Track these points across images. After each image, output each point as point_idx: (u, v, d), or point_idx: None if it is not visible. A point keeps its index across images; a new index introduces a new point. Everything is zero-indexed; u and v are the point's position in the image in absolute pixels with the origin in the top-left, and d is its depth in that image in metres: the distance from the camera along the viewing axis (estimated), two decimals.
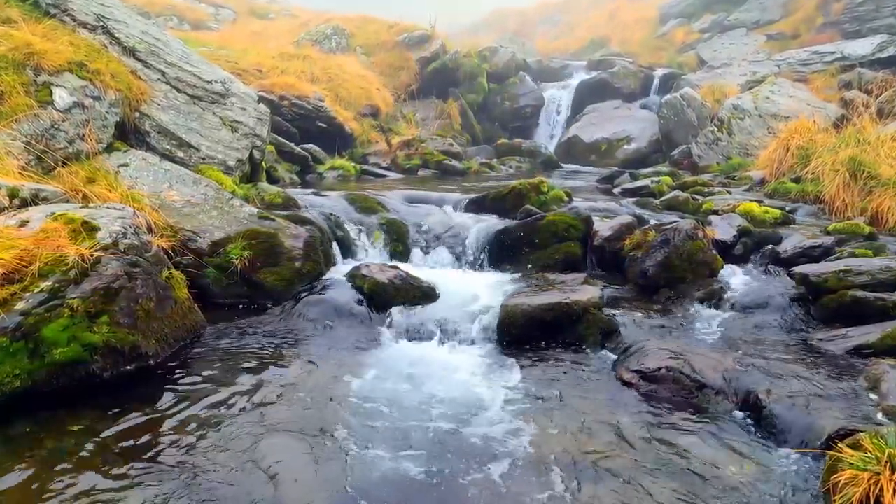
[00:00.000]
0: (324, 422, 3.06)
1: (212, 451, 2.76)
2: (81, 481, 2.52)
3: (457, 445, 2.91)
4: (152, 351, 3.52)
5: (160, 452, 2.74)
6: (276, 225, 4.98)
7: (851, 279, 4.22)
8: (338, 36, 15.44)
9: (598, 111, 14.05)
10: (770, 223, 5.98)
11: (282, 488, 2.54)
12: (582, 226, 5.54)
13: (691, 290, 4.64)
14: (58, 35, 5.38)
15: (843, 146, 6.86)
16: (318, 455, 2.78)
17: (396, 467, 2.72)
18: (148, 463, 2.66)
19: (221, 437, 2.87)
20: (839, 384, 3.28)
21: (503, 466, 2.76)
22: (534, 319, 4.08)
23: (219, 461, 2.69)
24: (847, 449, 2.49)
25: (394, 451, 2.85)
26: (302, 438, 2.90)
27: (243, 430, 2.94)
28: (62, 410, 3.02)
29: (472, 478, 2.68)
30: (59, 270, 3.26)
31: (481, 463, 2.78)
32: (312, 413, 3.14)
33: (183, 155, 5.86)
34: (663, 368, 3.48)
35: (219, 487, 2.52)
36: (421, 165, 10.67)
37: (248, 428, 2.96)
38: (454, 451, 2.86)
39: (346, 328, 4.27)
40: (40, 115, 4.69)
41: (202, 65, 6.93)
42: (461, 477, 2.68)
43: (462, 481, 2.65)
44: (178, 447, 2.79)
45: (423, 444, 2.90)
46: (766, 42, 16.77)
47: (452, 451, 2.86)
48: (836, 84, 11.66)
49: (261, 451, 2.78)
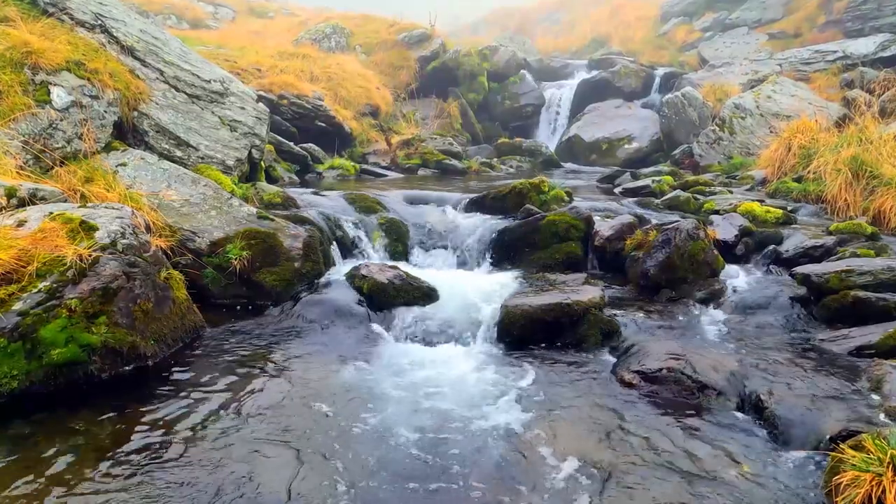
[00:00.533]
0: (323, 424, 3.06)
1: (210, 453, 2.76)
2: (79, 483, 2.52)
3: (456, 447, 2.91)
4: (151, 351, 3.53)
5: (159, 454, 2.74)
6: (275, 225, 4.98)
7: (853, 279, 4.23)
8: (337, 35, 15.45)
9: (599, 110, 14.05)
10: (772, 223, 5.98)
11: (280, 492, 2.54)
12: (583, 226, 5.55)
13: (693, 291, 4.65)
14: (56, 34, 5.38)
15: (846, 145, 6.87)
16: (317, 458, 2.78)
17: (395, 470, 2.73)
18: (146, 464, 2.66)
19: (220, 440, 2.87)
20: (841, 385, 3.29)
21: (504, 469, 2.76)
22: (534, 320, 4.08)
23: (217, 464, 2.69)
24: (849, 450, 2.50)
25: (393, 453, 2.85)
26: (302, 441, 2.90)
27: (242, 433, 2.94)
28: (60, 411, 3.03)
29: (472, 480, 2.68)
30: (57, 270, 3.26)
31: (481, 465, 2.78)
32: (312, 415, 3.14)
33: (181, 154, 5.87)
34: (664, 369, 3.49)
35: (217, 490, 2.52)
36: (421, 165, 10.67)
37: (247, 430, 2.96)
38: (454, 453, 2.86)
39: (345, 329, 4.28)
40: (38, 114, 4.70)
41: (201, 64, 6.93)
42: (461, 479, 2.68)
43: (462, 483, 2.65)
44: (176, 449, 2.78)
45: (422, 447, 2.90)
46: (767, 41, 16.77)
47: (452, 453, 2.86)
48: (839, 83, 11.67)
49: (260, 453, 2.78)
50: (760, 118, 10.10)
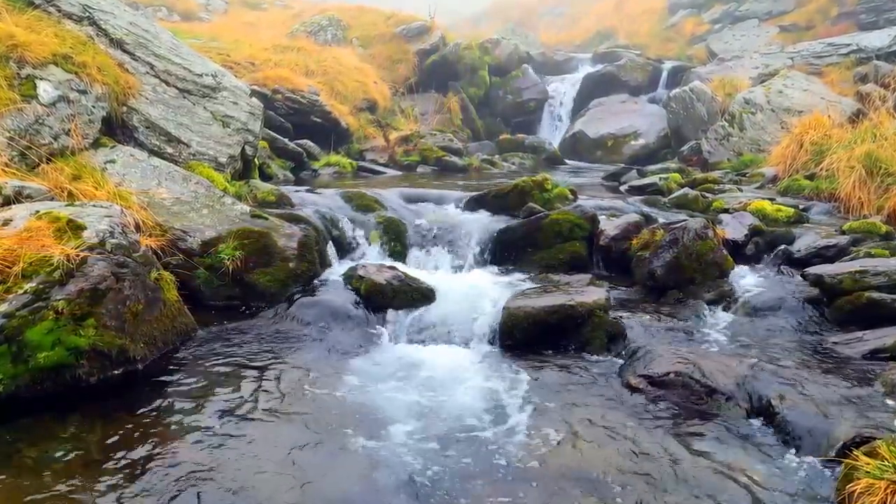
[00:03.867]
0: (317, 430, 3.06)
1: (200, 461, 2.76)
2: (66, 490, 2.52)
3: (456, 453, 2.91)
4: (140, 355, 3.52)
5: (147, 461, 2.74)
6: (269, 224, 4.98)
7: (867, 280, 4.22)
8: (333, 27, 15.44)
9: (604, 105, 14.03)
10: (783, 222, 5.98)
11: (270, 499, 2.53)
12: (587, 225, 5.54)
13: (701, 292, 4.65)
14: (42, 26, 5.37)
15: (859, 142, 6.85)
16: (312, 467, 2.78)
17: (394, 479, 2.72)
18: (135, 471, 2.66)
19: (210, 448, 2.87)
20: (854, 389, 3.28)
21: (506, 476, 2.76)
22: (537, 322, 4.08)
23: (207, 473, 2.68)
24: (863, 457, 2.49)
25: (390, 460, 2.84)
26: (294, 448, 2.89)
27: (234, 440, 2.94)
28: (47, 416, 3.02)
29: (474, 489, 2.67)
30: (44, 271, 3.26)
31: (483, 472, 2.78)
32: (305, 421, 3.14)
33: (172, 151, 5.86)
34: (672, 373, 3.48)
35: (206, 497, 2.52)
36: (420, 162, 10.66)
37: (239, 438, 2.96)
38: (453, 460, 2.86)
39: (341, 331, 4.27)
40: (24, 109, 4.69)
41: (192, 57, 6.93)
42: (462, 487, 2.68)
43: (463, 492, 2.65)
44: (165, 455, 2.78)
45: (420, 453, 2.90)
46: (778, 34, 16.77)
47: (451, 460, 2.86)
48: (852, 77, 11.64)
49: (252, 462, 2.78)
50: (771, 113, 10.09)
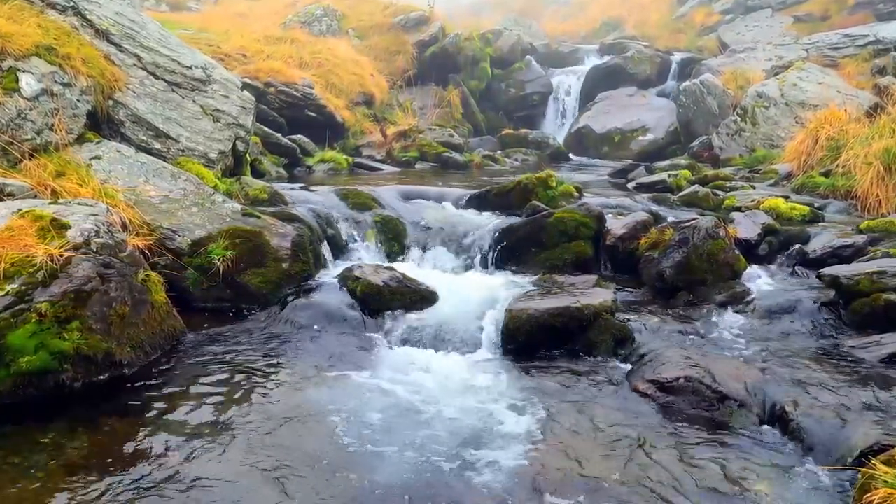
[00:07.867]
0: (313, 439, 3.06)
1: (188, 471, 2.76)
2: (49, 499, 2.52)
3: (458, 464, 2.91)
4: (127, 359, 3.52)
5: (133, 468, 2.74)
6: (261, 223, 4.98)
7: (886, 281, 4.21)
8: (328, 17, 15.44)
9: (611, 99, 14.05)
10: (797, 221, 5.98)
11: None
12: (593, 224, 5.54)
13: (712, 293, 4.64)
14: (24, 16, 5.37)
15: (877, 137, 6.84)
16: (306, 477, 2.78)
17: (392, 489, 2.72)
18: (118, 483, 2.66)
19: (199, 456, 2.86)
20: (872, 395, 3.28)
21: (510, 485, 2.76)
22: (541, 325, 4.08)
23: (195, 483, 2.68)
24: (881, 465, 2.49)
25: (387, 469, 2.84)
26: (288, 458, 2.89)
27: (224, 449, 2.94)
28: (29, 423, 3.02)
29: (474, 498, 2.67)
30: (26, 272, 3.26)
31: (485, 481, 2.78)
32: (297, 429, 3.14)
33: (160, 146, 5.86)
34: (682, 378, 3.48)
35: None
36: (418, 158, 10.66)
37: (229, 446, 2.96)
38: (453, 468, 2.86)
39: (337, 334, 4.27)
40: (5, 103, 4.69)
41: (181, 49, 6.93)
42: (460, 498, 2.68)
43: (462, 503, 2.65)
44: (151, 463, 2.78)
45: (418, 463, 2.90)
46: (793, 24, 16.77)
47: (451, 468, 2.86)
48: (870, 70, 11.63)
49: (242, 472, 2.78)
50: (785, 107, 10.09)
